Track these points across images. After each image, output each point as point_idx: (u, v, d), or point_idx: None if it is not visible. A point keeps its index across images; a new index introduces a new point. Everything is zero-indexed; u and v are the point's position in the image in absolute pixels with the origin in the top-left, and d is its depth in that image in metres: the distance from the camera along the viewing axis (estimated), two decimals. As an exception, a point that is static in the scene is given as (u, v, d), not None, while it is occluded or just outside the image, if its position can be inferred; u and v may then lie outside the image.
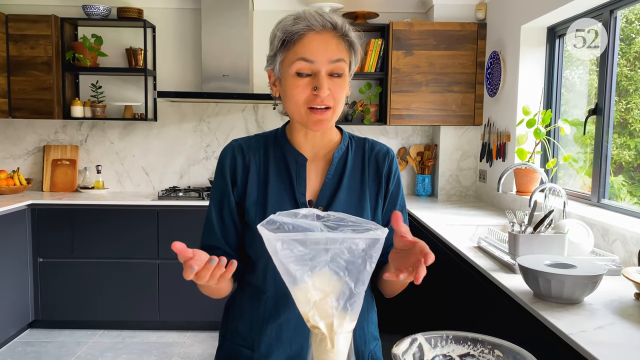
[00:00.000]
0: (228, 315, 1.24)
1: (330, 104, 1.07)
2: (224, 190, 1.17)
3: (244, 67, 3.91)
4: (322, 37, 1.05)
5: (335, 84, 1.07)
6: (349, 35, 1.08)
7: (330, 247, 0.78)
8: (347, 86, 1.10)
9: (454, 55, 3.84)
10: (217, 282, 0.92)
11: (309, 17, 1.05)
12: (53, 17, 3.83)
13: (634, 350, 1.29)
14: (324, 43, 1.05)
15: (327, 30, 1.05)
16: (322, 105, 1.07)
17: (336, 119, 1.12)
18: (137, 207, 3.71)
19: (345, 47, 1.08)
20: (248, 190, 1.16)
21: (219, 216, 1.18)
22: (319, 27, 1.05)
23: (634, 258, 2.04)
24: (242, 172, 1.17)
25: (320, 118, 1.08)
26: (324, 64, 1.05)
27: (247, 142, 1.20)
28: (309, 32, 1.05)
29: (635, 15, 2.65)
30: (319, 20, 1.05)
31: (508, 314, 1.81)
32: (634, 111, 2.65)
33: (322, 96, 1.05)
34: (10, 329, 3.55)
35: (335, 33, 1.06)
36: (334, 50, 1.05)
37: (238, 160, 1.17)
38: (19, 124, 4.19)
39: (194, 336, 3.76)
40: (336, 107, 1.09)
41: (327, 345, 0.80)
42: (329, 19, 1.06)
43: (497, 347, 0.87)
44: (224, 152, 1.20)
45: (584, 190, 2.88)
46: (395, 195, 1.23)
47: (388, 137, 4.29)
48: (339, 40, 1.06)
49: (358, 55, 1.12)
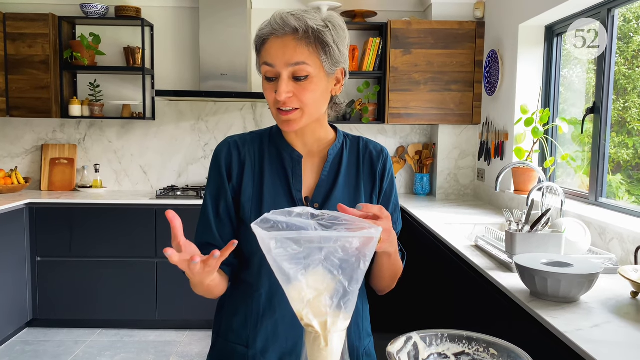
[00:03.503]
0: (221, 313, 1.24)
1: (295, 106, 1.08)
2: (220, 186, 1.18)
3: (242, 66, 3.91)
4: (282, 41, 1.06)
5: (299, 87, 1.07)
6: (312, 36, 1.06)
7: (324, 246, 0.78)
8: (317, 87, 1.09)
9: (452, 54, 3.84)
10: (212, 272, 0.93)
11: (272, 22, 1.07)
12: (51, 15, 3.83)
13: (630, 349, 1.29)
14: (283, 47, 1.06)
15: (287, 34, 1.06)
16: (286, 107, 1.08)
17: (311, 119, 1.12)
18: (135, 206, 3.71)
19: (308, 49, 1.06)
20: (243, 186, 1.16)
21: (215, 212, 1.18)
22: (280, 32, 1.06)
23: (630, 257, 2.04)
24: (238, 168, 1.17)
25: (287, 118, 1.09)
26: (283, 67, 1.06)
27: (242, 138, 1.21)
28: (271, 36, 1.07)
29: (633, 13, 2.65)
30: (279, 24, 1.06)
31: (505, 313, 1.81)
32: (632, 110, 2.65)
33: (280, 99, 1.06)
34: (8, 327, 3.55)
35: (295, 36, 1.06)
36: (292, 54, 1.05)
37: (234, 156, 1.18)
38: (16, 123, 4.19)
39: (192, 335, 3.76)
40: (305, 108, 1.09)
41: (321, 343, 0.80)
42: (288, 22, 1.05)
43: (492, 345, 0.87)
44: (219, 148, 1.20)
45: (582, 189, 2.88)
46: (389, 193, 1.24)
47: (386, 136, 4.29)
48: (299, 42, 1.06)
49: (334, 53, 1.09)
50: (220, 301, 1.25)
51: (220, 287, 1.14)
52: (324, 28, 1.07)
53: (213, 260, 0.89)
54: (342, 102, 1.22)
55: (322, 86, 1.10)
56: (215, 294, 1.14)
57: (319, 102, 1.11)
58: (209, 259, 0.89)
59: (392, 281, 1.21)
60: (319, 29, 1.06)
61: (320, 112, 1.14)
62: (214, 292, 1.13)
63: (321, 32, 1.07)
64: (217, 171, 1.19)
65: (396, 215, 1.24)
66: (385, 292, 1.26)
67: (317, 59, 1.08)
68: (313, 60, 1.07)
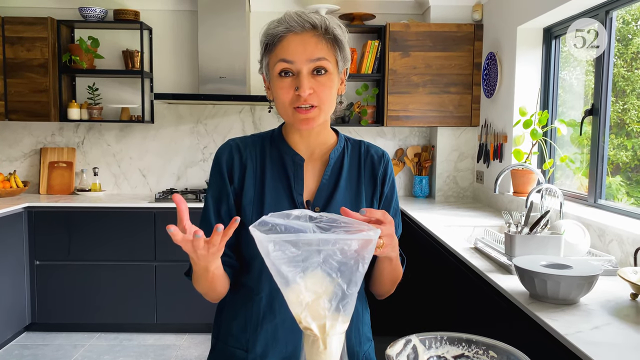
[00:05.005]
0: (221, 317, 1.23)
1: (314, 103, 1.08)
2: (221, 189, 1.17)
3: (240, 69, 3.91)
4: (301, 37, 1.07)
5: (318, 83, 1.08)
6: (330, 33, 1.09)
7: (322, 249, 0.78)
8: (333, 84, 1.11)
9: (451, 56, 3.84)
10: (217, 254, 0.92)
11: (288, 19, 1.08)
12: (49, 19, 3.83)
13: (629, 351, 1.28)
14: (303, 43, 1.07)
15: (306, 31, 1.07)
16: (306, 104, 1.08)
17: (326, 117, 1.13)
18: (134, 209, 3.70)
19: (327, 45, 1.09)
20: (245, 189, 1.16)
21: (216, 214, 1.17)
22: (298, 28, 1.07)
23: (630, 258, 2.04)
24: (239, 171, 1.17)
25: (305, 117, 1.09)
26: (304, 63, 1.06)
27: (244, 141, 1.21)
28: (289, 33, 1.07)
29: (632, 15, 2.65)
30: (297, 21, 1.07)
31: (504, 315, 1.81)
32: (631, 112, 2.65)
33: (303, 95, 1.06)
34: (7, 332, 3.54)
35: (315, 32, 1.08)
36: (313, 50, 1.07)
37: (235, 158, 1.18)
38: (15, 127, 4.19)
39: (191, 339, 3.75)
40: (322, 105, 1.09)
41: (320, 346, 0.80)
42: (307, 19, 1.07)
43: (492, 348, 0.87)
44: (221, 150, 1.20)
45: (581, 191, 2.88)
46: (389, 198, 1.24)
47: (385, 139, 4.29)
48: (319, 39, 1.08)
49: (345, 51, 1.12)
50: (220, 305, 1.25)
51: (223, 282, 1.12)
52: (338, 27, 1.10)
53: (217, 236, 0.88)
54: (339, 102, 1.23)
55: (336, 83, 1.12)
56: (218, 290, 1.12)
57: (333, 99, 1.13)
58: (213, 236, 0.89)
59: (392, 286, 1.21)
60: (334, 26, 1.09)
61: (332, 110, 1.15)
62: (217, 286, 1.11)
63: (335, 29, 1.09)
64: (219, 173, 1.18)
65: (397, 220, 1.24)
66: (384, 297, 1.26)
67: (334, 56, 1.10)
68: (331, 56, 1.09)
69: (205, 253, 0.91)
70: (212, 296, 1.14)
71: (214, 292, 1.12)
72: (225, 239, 0.89)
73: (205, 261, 0.95)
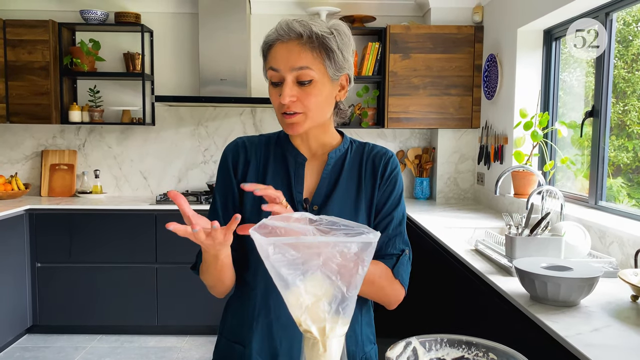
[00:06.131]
0: (226, 312, 1.27)
1: (298, 110, 1.10)
2: (228, 184, 1.21)
3: (241, 71, 3.91)
4: (287, 46, 1.08)
5: (303, 92, 1.09)
6: (316, 41, 1.08)
7: (322, 251, 0.78)
8: (320, 92, 1.11)
9: (451, 58, 3.84)
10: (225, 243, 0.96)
11: (278, 28, 1.10)
12: (51, 22, 3.84)
13: (630, 353, 1.28)
14: (287, 52, 1.08)
15: (291, 39, 1.08)
16: (289, 111, 1.10)
17: (315, 123, 1.14)
18: (135, 211, 3.71)
19: (312, 54, 1.08)
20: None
21: (223, 207, 1.21)
22: (285, 37, 1.09)
23: (630, 260, 2.04)
24: (243, 166, 1.21)
25: (290, 122, 1.12)
26: (287, 71, 1.08)
27: (251, 140, 1.25)
28: (277, 42, 1.10)
29: (632, 17, 2.66)
30: (285, 30, 1.09)
31: (504, 317, 1.81)
32: (632, 113, 2.65)
33: (283, 102, 1.08)
34: (8, 334, 3.54)
35: (299, 41, 1.08)
36: (296, 58, 1.08)
37: (240, 155, 1.22)
38: (16, 129, 4.19)
39: (192, 340, 3.76)
40: (308, 112, 1.11)
41: (320, 349, 0.80)
42: (293, 27, 1.08)
43: (492, 350, 0.87)
44: (228, 148, 1.25)
45: (582, 193, 2.88)
46: (389, 189, 1.20)
47: (386, 141, 4.29)
48: (302, 47, 1.08)
49: (337, 59, 1.11)
50: (227, 300, 1.28)
51: (230, 274, 1.14)
52: (329, 34, 1.10)
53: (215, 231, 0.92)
54: (346, 109, 1.23)
55: (325, 91, 1.12)
56: (225, 282, 1.14)
57: (322, 107, 1.13)
58: (211, 233, 0.93)
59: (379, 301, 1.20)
60: (322, 34, 1.09)
61: (324, 117, 1.16)
62: (225, 277, 1.12)
63: (325, 37, 1.09)
64: (225, 169, 1.22)
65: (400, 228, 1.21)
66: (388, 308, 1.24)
67: (321, 64, 1.10)
68: (317, 65, 1.09)
69: (212, 243, 0.95)
70: (219, 289, 1.16)
71: (222, 283, 1.14)
72: (230, 232, 0.93)
73: (215, 249, 0.99)
